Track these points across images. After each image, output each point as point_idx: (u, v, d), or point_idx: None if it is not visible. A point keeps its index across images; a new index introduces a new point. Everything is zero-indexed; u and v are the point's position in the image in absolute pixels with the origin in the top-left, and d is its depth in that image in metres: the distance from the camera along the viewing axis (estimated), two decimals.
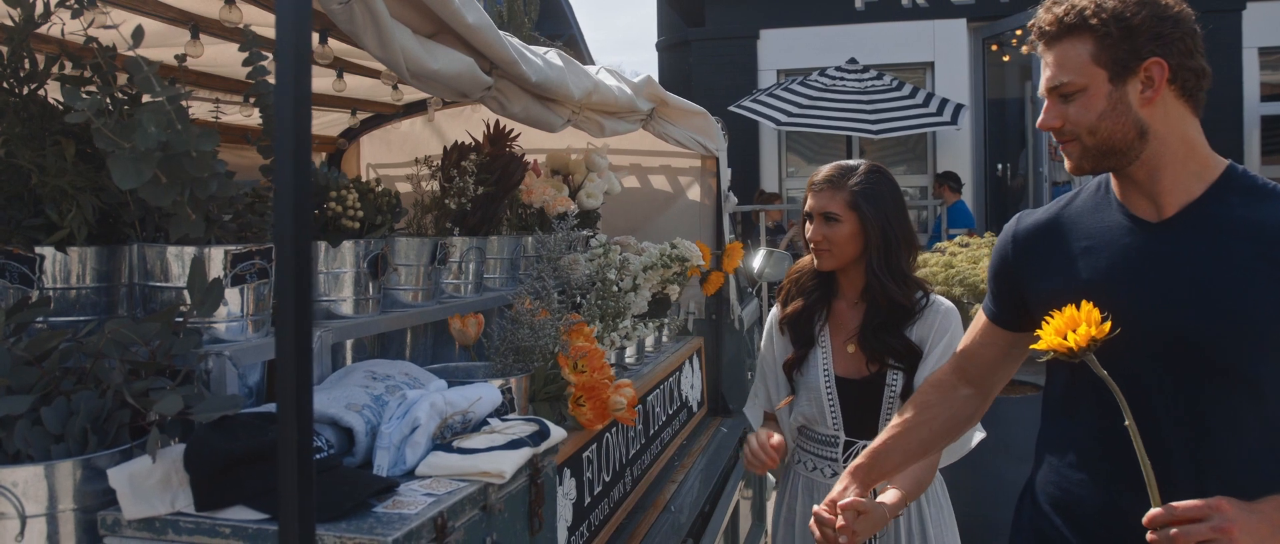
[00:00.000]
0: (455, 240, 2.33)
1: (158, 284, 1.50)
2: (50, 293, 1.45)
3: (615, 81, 2.62)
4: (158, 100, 1.34)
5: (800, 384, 2.12)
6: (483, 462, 1.38)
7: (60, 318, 1.45)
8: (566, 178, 3.14)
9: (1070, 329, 1.29)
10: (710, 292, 3.53)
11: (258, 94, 1.67)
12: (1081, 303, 1.31)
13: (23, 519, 1.16)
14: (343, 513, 1.19)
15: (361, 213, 1.88)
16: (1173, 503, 1.26)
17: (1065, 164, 1.51)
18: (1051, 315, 1.33)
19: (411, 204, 2.43)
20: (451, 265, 2.31)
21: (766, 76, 10.92)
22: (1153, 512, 1.26)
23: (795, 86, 9.55)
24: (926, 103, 9.38)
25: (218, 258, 1.49)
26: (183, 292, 1.45)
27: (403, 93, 3.09)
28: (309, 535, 0.91)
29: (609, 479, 2.28)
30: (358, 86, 2.86)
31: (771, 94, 9.62)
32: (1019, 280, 1.59)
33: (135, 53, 1.38)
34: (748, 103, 9.52)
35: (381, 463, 1.39)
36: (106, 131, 1.32)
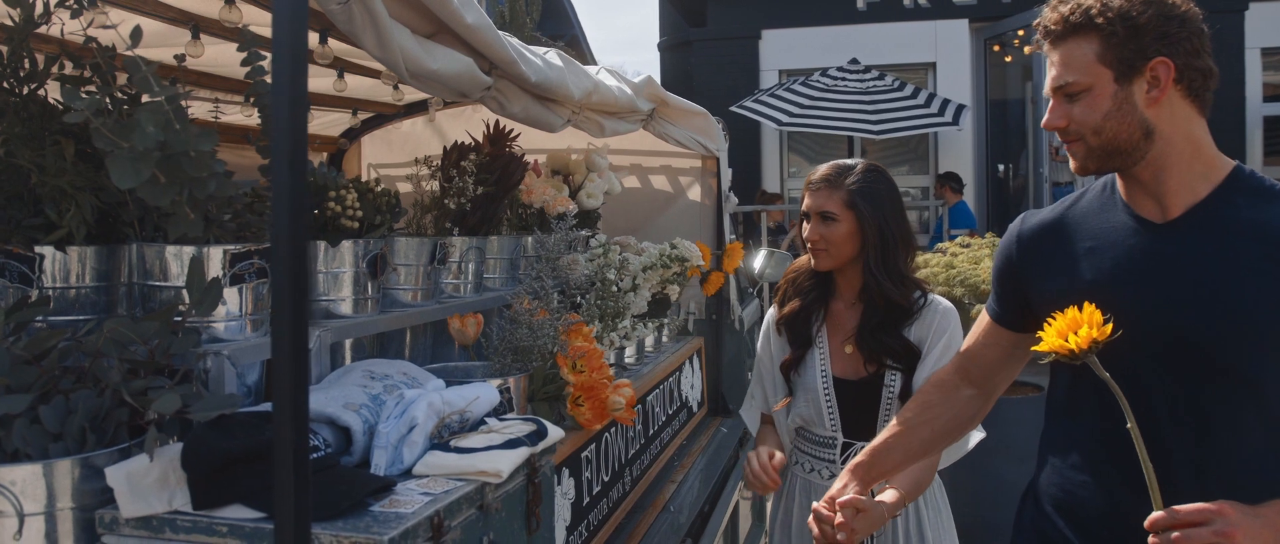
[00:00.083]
0: (455, 240, 2.33)
1: (157, 283, 1.51)
2: (49, 292, 1.45)
3: (615, 82, 2.62)
4: (156, 100, 1.35)
5: (798, 385, 2.10)
6: (480, 461, 1.38)
7: (59, 317, 1.46)
8: (567, 178, 3.14)
9: (1072, 331, 1.28)
10: (710, 292, 3.53)
11: (257, 94, 1.67)
12: (1084, 304, 1.29)
13: (21, 517, 1.16)
14: (339, 512, 1.19)
15: (360, 212, 1.88)
16: (1175, 507, 1.24)
17: (1070, 164, 1.49)
18: (1054, 316, 1.31)
19: (412, 204, 2.43)
20: (451, 265, 2.31)
21: (768, 77, 10.92)
22: (1155, 515, 1.25)
23: (797, 87, 9.55)
24: (928, 103, 9.38)
25: (216, 257, 1.50)
26: (181, 291, 1.46)
27: (403, 93, 3.09)
28: (304, 534, 0.91)
29: (608, 479, 2.28)
30: (358, 86, 2.87)
31: (773, 94, 9.62)
32: (1023, 280, 1.58)
33: (134, 53, 1.38)
34: (749, 103, 9.52)
35: (379, 462, 1.40)
36: (105, 131, 1.32)
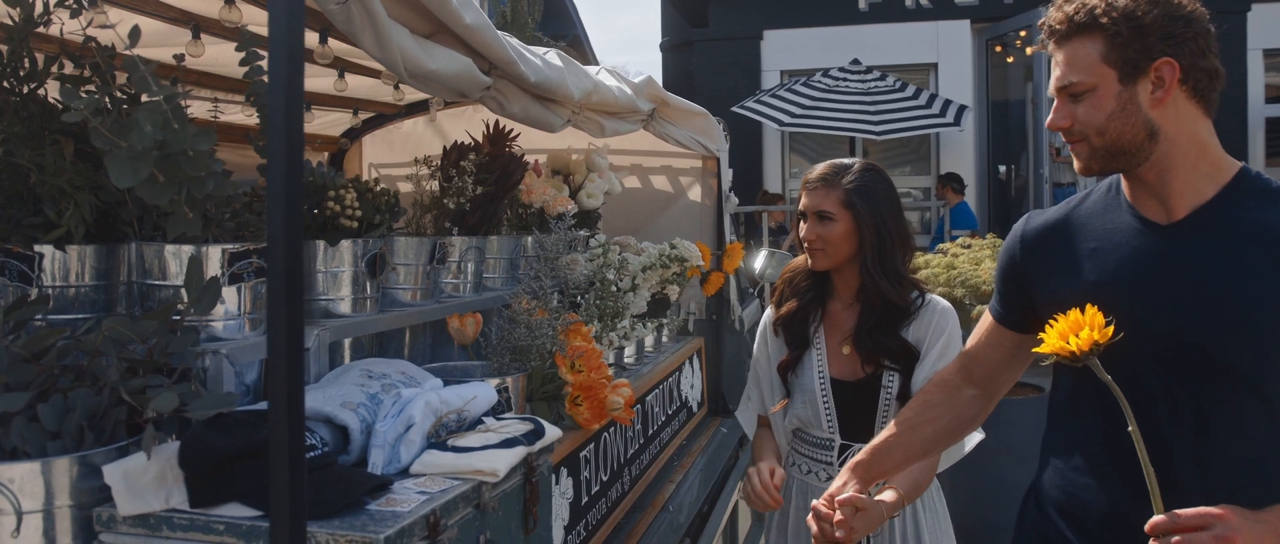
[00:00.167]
0: (454, 240, 2.33)
1: (155, 282, 1.51)
2: (49, 291, 1.46)
3: (615, 82, 2.62)
4: (155, 99, 1.35)
5: (795, 386, 2.09)
6: (476, 460, 1.38)
7: (58, 315, 1.47)
8: (567, 178, 3.15)
9: (1073, 333, 1.27)
10: (710, 292, 3.53)
11: (256, 93, 1.68)
12: (1087, 306, 1.28)
13: (19, 515, 1.16)
14: (336, 510, 1.19)
15: (360, 212, 1.89)
16: (1176, 510, 1.23)
17: (1074, 164, 1.48)
18: (1057, 317, 1.30)
19: (412, 204, 2.43)
20: (450, 265, 2.31)
21: (770, 77, 10.92)
22: (1156, 519, 1.24)
23: (799, 87, 9.55)
24: (930, 104, 9.38)
25: (215, 256, 1.50)
26: (180, 290, 1.46)
27: (404, 93, 3.10)
28: (299, 532, 0.91)
29: (607, 479, 2.28)
30: (359, 86, 2.87)
31: (775, 95, 9.62)
32: (1026, 281, 1.57)
33: (133, 52, 1.39)
34: (751, 103, 9.52)
35: (376, 461, 1.40)
36: (103, 130, 1.33)
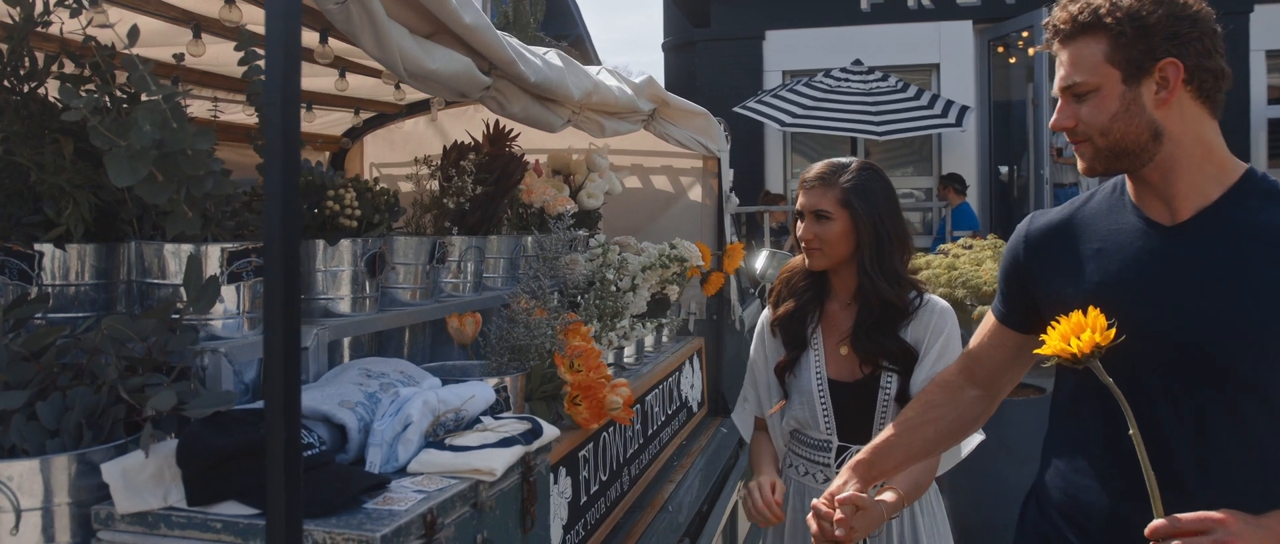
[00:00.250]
0: (454, 240, 2.33)
1: (155, 281, 1.51)
2: (48, 289, 1.47)
3: (616, 82, 2.62)
4: (154, 99, 1.36)
5: (792, 387, 2.07)
6: (474, 459, 1.39)
7: (58, 314, 1.47)
8: (567, 178, 3.15)
9: (1075, 335, 1.26)
10: (711, 292, 3.53)
11: (255, 93, 1.68)
12: (1089, 307, 1.27)
13: (18, 513, 1.17)
14: (333, 509, 1.19)
15: (359, 211, 1.89)
16: (1177, 514, 1.22)
17: (1078, 165, 1.48)
18: (1060, 318, 1.29)
19: (412, 203, 2.44)
20: (450, 264, 2.32)
21: (772, 77, 10.92)
22: (1156, 523, 1.23)
23: (800, 87, 9.55)
24: (931, 104, 9.38)
25: (214, 255, 1.51)
26: (179, 288, 1.47)
27: (405, 92, 3.10)
28: (295, 531, 0.92)
29: (606, 478, 2.28)
30: (360, 86, 2.88)
31: (776, 95, 9.62)
32: (1030, 281, 1.56)
33: (133, 52, 1.39)
34: (753, 104, 9.52)
35: (373, 460, 1.40)
36: (102, 129, 1.33)
